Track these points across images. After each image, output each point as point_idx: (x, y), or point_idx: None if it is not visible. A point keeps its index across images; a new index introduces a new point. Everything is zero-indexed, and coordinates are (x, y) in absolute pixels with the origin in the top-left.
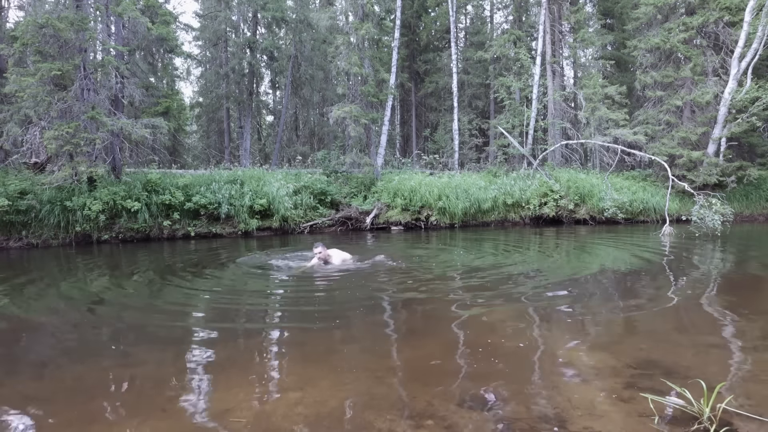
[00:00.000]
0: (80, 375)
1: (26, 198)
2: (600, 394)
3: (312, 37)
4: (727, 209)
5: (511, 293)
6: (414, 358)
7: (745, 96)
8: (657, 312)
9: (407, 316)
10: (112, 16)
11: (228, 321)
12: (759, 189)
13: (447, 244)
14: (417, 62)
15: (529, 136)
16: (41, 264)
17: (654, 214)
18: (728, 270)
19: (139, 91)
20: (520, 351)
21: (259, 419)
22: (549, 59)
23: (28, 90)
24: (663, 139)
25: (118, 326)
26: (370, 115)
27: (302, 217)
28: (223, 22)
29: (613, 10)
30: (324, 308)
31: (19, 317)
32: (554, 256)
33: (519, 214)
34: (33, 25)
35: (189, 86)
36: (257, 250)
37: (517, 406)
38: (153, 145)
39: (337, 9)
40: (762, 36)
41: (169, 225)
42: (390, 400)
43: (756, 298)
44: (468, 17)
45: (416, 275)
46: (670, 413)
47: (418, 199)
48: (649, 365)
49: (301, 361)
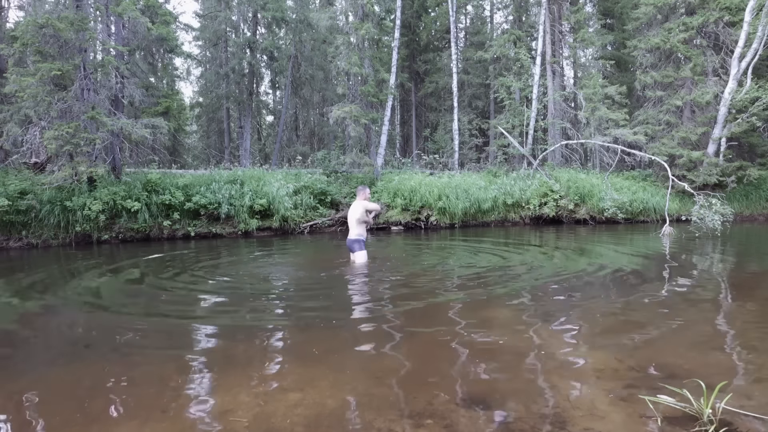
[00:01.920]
0: (80, 375)
1: (26, 198)
2: (600, 394)
3: (312, 37)
4: (727, 209)
5: (511, 293)
6: (414, 358)
7: (745, 96)
8: (657, 312)
9: (407, 315)
10: (112, 16)
11: (228, 321)
12: (759, 189)
13: (447, 244)
14: (417, 62)
15: (529, 136)
16: (41, 264)
17: (654, 214)
18: (728, 270)
19: (139, 91)
20: (519, 351)
21: (259, 419)
22: (549, 59)
23: (28, 90)
24: (663, 139)
25: (118, 326)
26: (370, 115)
27: (302, 217)
28: (223, 22)
29: (613, 10)
30: (324, 308)
31: (19, 317)
32: (554, 256)
33: (519, 214)
34: (33, 25)
35: (189, 86)
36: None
37: (517, 406)
38: (153, 145)
39: (337, 9)
40: (762, 36)
41: (169, 225)
42: (390, 400)
43: (756, 298)
44: (468, 17)
45: (416, 275)
46: (670, 413)
47: (418, 199)
48: (649, 365)
49: (301, 361)
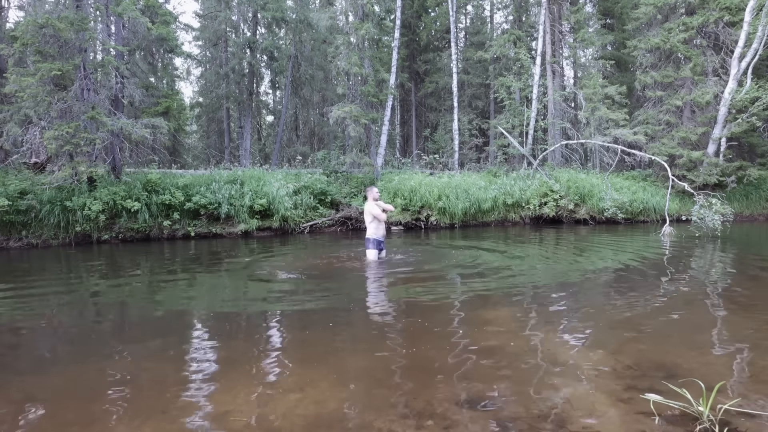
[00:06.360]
0: (80, 375)
1: (26, 198)
2: (600, 394)
3: (312, 37)
4: (727, 209)
5: (510, 293)
6: (413, 358)
7: (745, 96)
8: (657, 312)
9: (407, 316)
10: (112, 16)
11: (228, 321)
12: (759, 189)
13: (447, 244)
14: (417, 62)
15: (529, 136)
16: (41, 264)
17: (654, 214)
18: (728, 270)
19: (139, 91)
20: (519, 351)
21: (259, 420)
22: (549, 59)
23: (28, 90)
24: (663, 139)
25: (118, 326)
26: (370, 115)
27: (302, 217)
28: (223, 22)
29: (613, 10)
30: (324, 309)
31: (19, 317)
32: (554, 256)
33: (519, 214)
34: (33, 25)
35: (189, 86)
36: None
37: (517, 406)
38: (153, 145)
39: (337, 9)
40: (762, 36)
41: (169, 225)
42: (390, 401)
43: (756, 298)
44: (468, 17)
45: (416, 275)
46: (669, 413)
47: (418, 199)
48: (648, 365)
49: (301, 361)
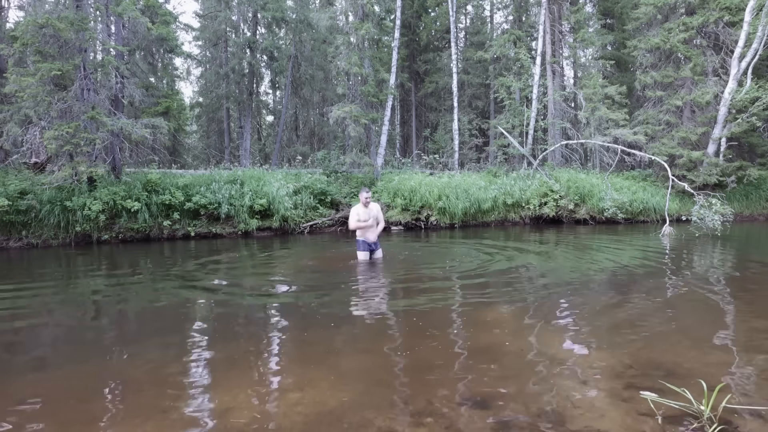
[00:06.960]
0: (80, 375)
1: (26, 198)
2: (600, 393)
3: (312, 37)
4: (727, 209)
5: (510, 293)
6: (413, 357)
7: (745, 96)
8: (657, 312)
9: (406, 316)
10: (112, 16)
11: (228, 321)
12: (759, 189)
13: (447, 244)
14: (417, 62)
15: (529, 136)
16: (41, 264)
17: (654, 214)
18: (728, 270)
19: (139, 91)
20: (519, 350)
21: (259, 419)
22: (549, 59)
23: (28, 90)
24: (663, 139)
25: (118, 326)
26: (370, 115)
27: (302, 217)
28: (223, 22)
29: (613, 10)
30: (323, 308)
31: (19, 317)
32: (554, 256)
33: (519, 214)
34: (33, 25)
35: (189, 86)
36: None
37: (517, 406)
38: (153, 145)
39: (337, 9)
40: (762, 36)
41: (169, 225)
42: (389, 400)
43: (756, 298)
44: (468, 17)
45: (415, 275)
46: (669, 412)
47: (418, 199)
48: (649, 365)
49: (300, 361)
